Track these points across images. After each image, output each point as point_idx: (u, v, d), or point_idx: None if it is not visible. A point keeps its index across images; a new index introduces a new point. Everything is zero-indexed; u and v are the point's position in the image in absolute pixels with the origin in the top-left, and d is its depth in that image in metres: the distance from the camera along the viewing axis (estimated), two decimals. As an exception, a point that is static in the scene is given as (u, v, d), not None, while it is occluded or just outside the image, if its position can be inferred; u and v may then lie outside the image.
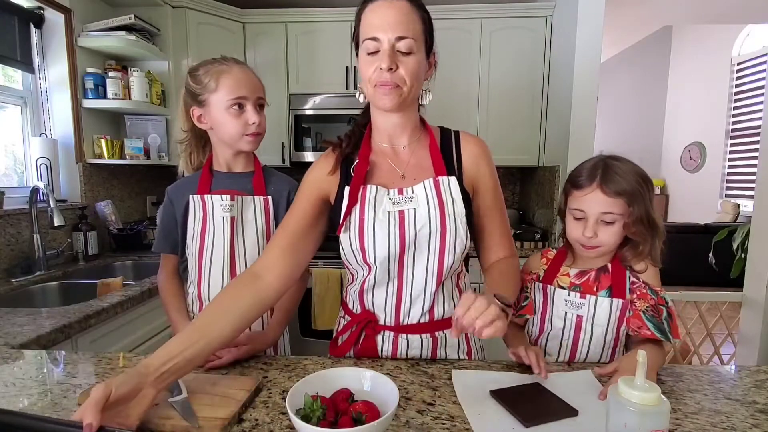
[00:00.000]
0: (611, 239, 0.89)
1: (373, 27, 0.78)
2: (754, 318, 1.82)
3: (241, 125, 1.00)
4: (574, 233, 0.91)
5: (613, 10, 3.48)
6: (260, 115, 1.03)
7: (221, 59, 1.02)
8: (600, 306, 0.90)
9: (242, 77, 1.00)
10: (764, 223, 1.81)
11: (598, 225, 0.88)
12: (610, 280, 0.91)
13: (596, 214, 0.88)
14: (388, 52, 0.78)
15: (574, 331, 0.93)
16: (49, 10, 1.94)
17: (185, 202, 1.05)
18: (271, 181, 1.10)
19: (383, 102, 0.82)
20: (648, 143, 6.77)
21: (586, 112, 2.27)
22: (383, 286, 0.90)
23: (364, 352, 0.94)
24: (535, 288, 0.98)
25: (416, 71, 0.80)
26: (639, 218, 0.86)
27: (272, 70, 2.65)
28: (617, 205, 0.86)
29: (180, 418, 0.67)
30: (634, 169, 0.89)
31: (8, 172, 1.95)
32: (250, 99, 1.00)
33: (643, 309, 0.87)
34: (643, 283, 0.90)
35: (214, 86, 0.99)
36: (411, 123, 0.91)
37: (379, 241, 0.85)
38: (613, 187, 0.86)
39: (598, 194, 0.87)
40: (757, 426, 0.68)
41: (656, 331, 0.85)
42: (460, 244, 0.86)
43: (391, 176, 0.90)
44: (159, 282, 1.12)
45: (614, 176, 0.86)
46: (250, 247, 1.04)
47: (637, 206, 0.86)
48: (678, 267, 4.76)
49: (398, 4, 0.78)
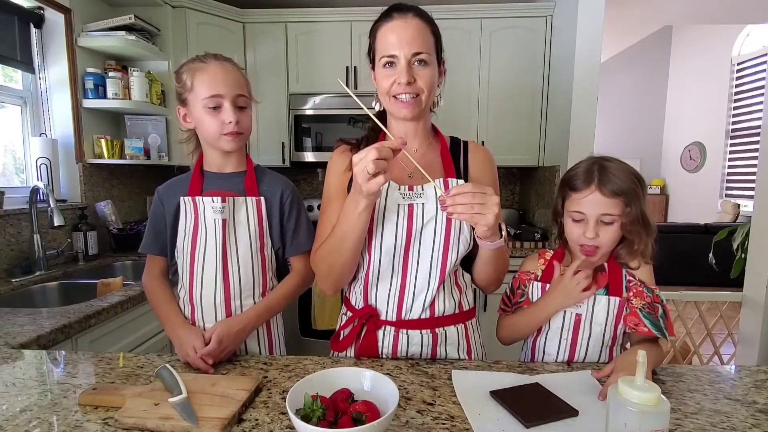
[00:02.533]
0: (611, 240, 0.90)
1: (390, 45, 0.85)
2: (754, 318, 1.82)
3: (218, 124, 0.96)
4: (575, 235, 0.92)
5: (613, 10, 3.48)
6: (240, 113, 0.98)
7: (202, 56, 0.98)
8: (598, 304, 0.91)
9: (218, 74, 0.95)
10: (764, 223, 1.81)
11: (598, 226, 0.89)
12: (607, 279, 0.92)
13: (596, 216, 0.88)
14: (406, 68, 0.84)
15: (572, 331, 0.93)
16: (49, 10, 1.94)
17: (176, 204, 1.02)
18: (263, 180, 1.06)
19: (403, 113, 0.88)
20: (648, 143, 6.77)
21: (586, 112, 2.27)
22: (387, 280, 0.92)
23: (365, 347, 0.95)
24: (534, 287, 0.98)
25: (431, 82, 0.87)
26: (636, 217, 0.88)
27: (272, 70, 2.65)
28: (616, 206, 0.87)
29: (180, 418, 0.67)
30: (627, 169, 0.90)
31: (8, 172, 1.95)
32: (226, 97, 0.95)
33: (640, 306, 0.89)
34: (639, 281, 0.91)
35: (190, 85, 0.96)
36: (424, 129, 0.96)
37: (387, 230, 0.89)
38: (611, 187, 0.87)
39: (597, 196, 0.88)
40: (757, 426, 0.68)
41: (653, 328, 0.86)
42: (464, 242, 0.90)
43: (401, 174, 0.94)
44: (145, 285, 1.08)
45: (611, 177, 0.88)
46: (243, 249, 1.01)
47: (633, 205, 0.87)
48: (678, 267, 4.77)
49: (413, 23, 0.85)
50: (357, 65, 2.62)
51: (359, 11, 2.55)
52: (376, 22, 0.89)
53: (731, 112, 5.53)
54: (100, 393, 0.74)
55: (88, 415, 0.70)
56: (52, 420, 0.69)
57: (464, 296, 0.97)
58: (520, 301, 0.99)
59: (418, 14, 0.86)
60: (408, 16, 0.85)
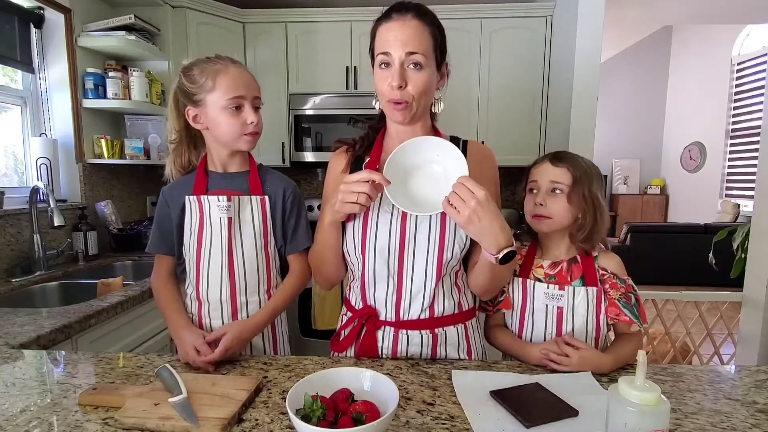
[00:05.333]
0: (559, 210, 0.95)
1: (386, 43, 0.85)
2: (754, 318, 1.82)
3: (239, 125, 0.99)
4: (528, 206, 1.00)
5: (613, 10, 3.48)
6: (257, 114, 1.03)
7: (216, 58, 1.01)
8: (578, 295, 0.94)
9: (239, 77, 0.99)
10: (764, 223, 1.81)
11: (547, 195, 0.96)
12: (581, 270, 0.96)
13: (546, 184, 0.96)
14: (398, 69, 0.84)
15: (556, 324, 0.95)
16: (49, 10, 1.94)
17: (181, 204, 1.04)
18: (266, 179, 1.09)
19: (395, 117, 0.89)
20: (648, 143, 6.78)
21: (586, 112, 2.27)
22: (384, 281, 0.92)
23: (364, 347, 0.95)
24: (514, 284, 1.00)
25: (425, 86, 0.86)
26: (582, 194, 0.94)
27: (272, 70, 2.65)
28: (564, 175, 0.95)
29: (180, 418, 0.67)
30: (586, 158, 0.99)
31: (8, 172, 1.95)
32: (247, 98, 0.99)
33: (617, 297, 0.93)
34: (612, 273, 0.96)
35: (211, 86, 0.97)
36: (422, 132, 0.95)
37: (380, 231, 0.89)
38: (562, 161, 0.97)
39: (548, 165, 0.98)
40: (757, 426, 0.68)
41: (632, 317, 0.91)
42: (459, 241, 0.89)
43: None
44: (153, 284, 1.10)
45: (564, 154, 0.99)
46: (248, 247, 1.03)
47: (581, 183, 0.94)
48: (678, 267, 4.77)
49: (410, 23, 0.84)
50: (357, 65, 2.62)
51: (359, 11, 2.55)
52: (377, 21, 0.89)
53: (731, 112, 5.53)
54: (100, 393, 0.75)
55: (88, 415, 0.70)
56: (52, 420, 0.69)
57: (464, 296, 0.97)
58: (501, 300, 1.00)
59: (417, 15, 0.85)
60: (407, 17, 0.85)
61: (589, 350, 0.88)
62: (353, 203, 0.79)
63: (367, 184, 0.78)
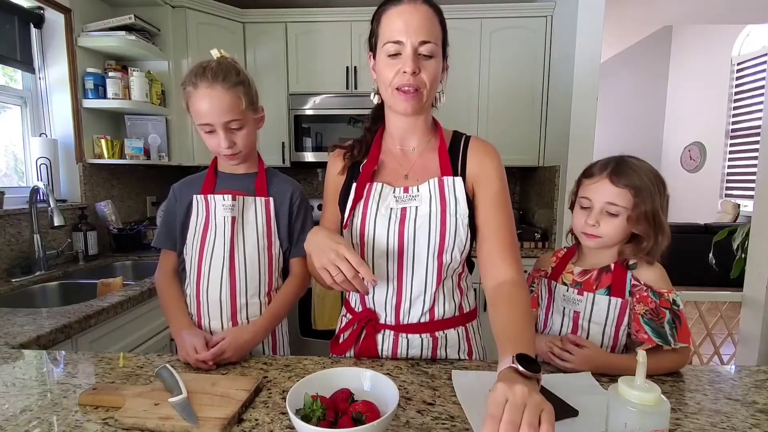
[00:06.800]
0: (612, 232, 0.89)
1: (397, 30, 0.79)
2: (754, 318, 1.82)
3: (215, 146, 0.99)
4: (578, 222, 0.93)
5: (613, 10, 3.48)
6: (233, 135, 0.98)
7: (194, 74, 0.96)
8: (597, 303, 0.90)
9: (208, 102, 0.93)
10: (764, 223, 1.81)
11: (601, 215, 0.89)
12: (610, 280, 0.91)
13: (601, 204, 0.89)
14: (412, 56, 0.79)
15: (571, 328, 0.93)
16: (49, 10, 1.94)
17: (188, 201, 1.05)
18: (273, 182, 1.09)
19: (403, 106, 0.83)
20: (648, 143, 6.77)
21: (586, 112, 2.27)
22: (383, 284, 0.91)
23: (364, 350, 0.94)
24: (542, 285, 0.99)
25: (435, 76, 0.82)
26: (644, 214, 0.86)
27: (272, 70, 2.65)
28: (623, 197, 0.87)
29: (180, 418, 0.67)
30: (649, 168, 0.90)
31: (8, 172, 1.95)
32: (216, 125, 0.95)
33: (642, 312, 0.87)
34: (645, 285, 0.89)
35: (185, 106, 0.99)
36: (424, 125, 0.93)
37: (378, 236, 0.88)
38: (622, 178, 0.87)
39: (606, 183, 0.88)
40: (757, 426, 0.68)
41: (654, 335, 0.84)
42: (459, 244, 0.87)
43: (397, 175, 0.92)
44: (157, 281, 1.10)
45: (626, 169, 0.88)
46: (250, 248, 1.03)
47: (643, 202, 0.86)
48: (678, 267, 4.74)
49: (422, 9, 0.79)
50: (357, 65, 2.62)
51: (359, 11, 2.55)
52: (381, 5, 0.83)
53: (731, 112, 5.52)
54: (100, 393, 0.74)
55: (88, 415, 0.70)
56: (52, 420, 0.69)
57: (465, 298, 0.96)
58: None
59: (427, 0, 0.81)
60: (417, 2, 0.79)
61: (596, 350, 0.86)
62: (329, 276, 0.73)
63: (352, 270, 0.71)
